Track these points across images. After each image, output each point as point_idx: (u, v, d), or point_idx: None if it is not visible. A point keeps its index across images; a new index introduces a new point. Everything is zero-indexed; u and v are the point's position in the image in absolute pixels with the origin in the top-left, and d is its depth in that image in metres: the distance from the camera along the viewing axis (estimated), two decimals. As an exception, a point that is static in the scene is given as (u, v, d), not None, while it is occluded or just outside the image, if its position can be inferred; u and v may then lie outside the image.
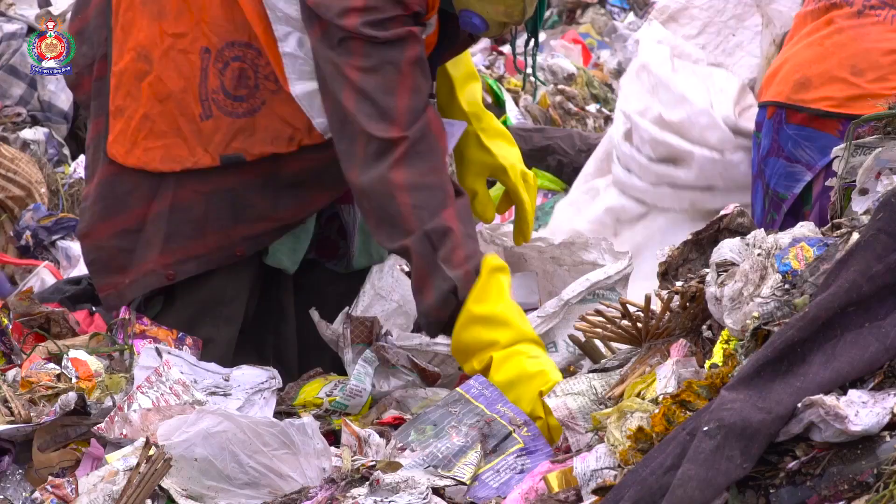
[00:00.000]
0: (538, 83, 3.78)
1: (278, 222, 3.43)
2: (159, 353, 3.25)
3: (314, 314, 3.45)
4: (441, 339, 3.45)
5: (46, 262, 4.78)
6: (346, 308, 3.49)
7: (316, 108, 3.28)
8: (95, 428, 2.98)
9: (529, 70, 3.53)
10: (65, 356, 3.38)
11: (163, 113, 3.34)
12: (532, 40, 3.47)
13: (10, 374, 3.36)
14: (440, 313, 3.10)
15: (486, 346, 3.05)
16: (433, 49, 3.33)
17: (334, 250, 3.66)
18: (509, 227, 4.05)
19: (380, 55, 3.12)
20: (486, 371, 3.03)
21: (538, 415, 2.91)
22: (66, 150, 5.85)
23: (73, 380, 3.31)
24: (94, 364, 3.39)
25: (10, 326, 3.60)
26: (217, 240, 3.37)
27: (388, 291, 3.58)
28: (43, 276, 4.51)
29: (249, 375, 3.25)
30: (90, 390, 3.27)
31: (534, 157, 6.02)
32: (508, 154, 3.60)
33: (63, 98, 5.93)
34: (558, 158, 6.01)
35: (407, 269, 3.90)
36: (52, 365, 3.37)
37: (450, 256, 3.08)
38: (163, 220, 3.36)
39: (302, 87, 3.28)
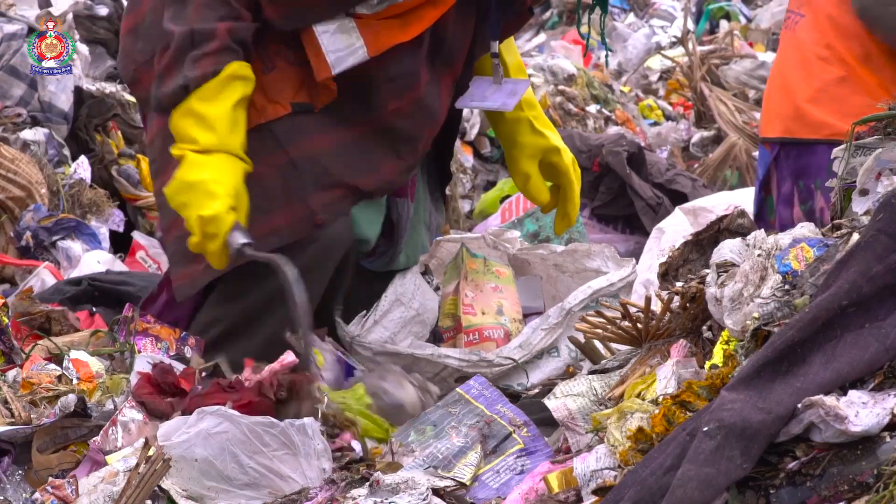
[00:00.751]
0: (607, 51, 3.82)
1: (353, 190, 3.39)
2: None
3: (337, 311, 3.47)
4: (452, 352, 3.46)
5: (47, 262, 4.77)
6: (363, 311, 3.51)
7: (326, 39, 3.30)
8: (92, 441, 2.98)
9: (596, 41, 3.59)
10: (66, 357, 3.38)
11: None
12: (598, 7, 3.53)
13: (11, 374, 3.36)
14: (170, 103, 3.21)
15: (187, 140, 3.17)
16: (484, 16, 3.39)
17: (374, 248, 3.63)
18: (512, 233, 4.05)
19: None
20: (180, 162, 3.16)
21: (195, 231, 3.10)
22: (66, 151, 5.85)
23: (74, 381, 3.31)
24: (96, 365, 3.39)
25: (10, 325, 3.60)
26: (295, 211, 3.33)
27: (409, 298, 3.59)
28: (43, 277, 4.50)
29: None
30: (91, 391, 3.26)
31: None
32: (559, 139, 3.67)
33: (63, 99, 5.93)
34: (559, 159, 6.00)
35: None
36: (52, 366, 3.37)
37: (200, 57, 3.19)
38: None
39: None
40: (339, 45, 3.27)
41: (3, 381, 3.29)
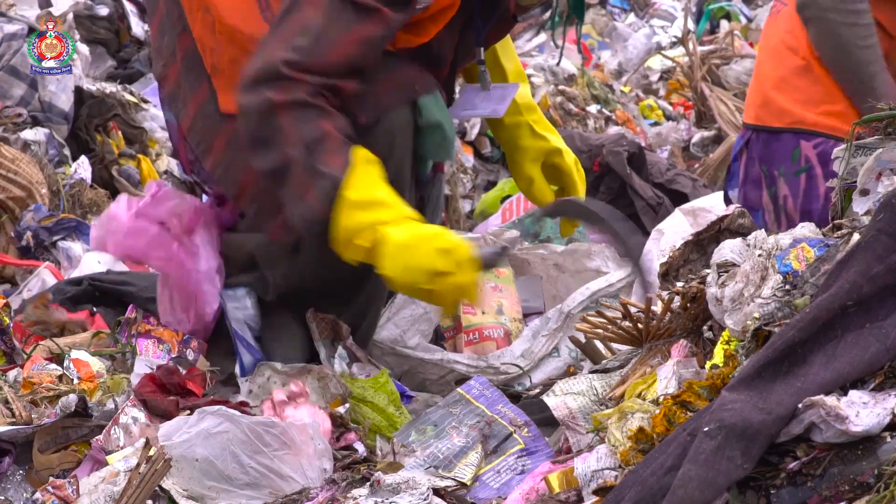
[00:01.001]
0: (583, 58, 3.82)
1: (390, 82, 3.33)
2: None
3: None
4: (461, 357, 3.46)
5: (47, 262, 4.77)
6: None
7: None
8: (94, 440, 2.98)
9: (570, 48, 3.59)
10: (67, 357, 3.38)
11: (241, 50, 3.33)
12: (574, 16, 3.52)
13: (12, 374, 3.36)
14: (325, 210, 3.08)
15: (369, 225, 3.05)
16: (468, 23, 3.35)
17: None
18: (512, 233, 4.05)
19: (339, 9, 3.14)
20: (376, 246, 3.03)
21: (442, 269, 2.96)
22: (66, 151, 5.85)
23: (75, 381, 3.31)
24: (97, 365, 3.39)
25: (11, 325, 3.60)
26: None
27: (418, 296, 3.60)
28: (44, 277, 4.50)
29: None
30: (92, 391, 3.27)
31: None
32: (560, 141, 3.66)
33: (64, 99, 5.93)
34: (559, 159, 6.00)
35: None
36: (53, 366, 3.37)
37: (326, 160, 3.08)
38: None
39: None
40: None
41: (3, 380, 3.29)
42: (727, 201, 4.26)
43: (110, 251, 3.71)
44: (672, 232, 4.76)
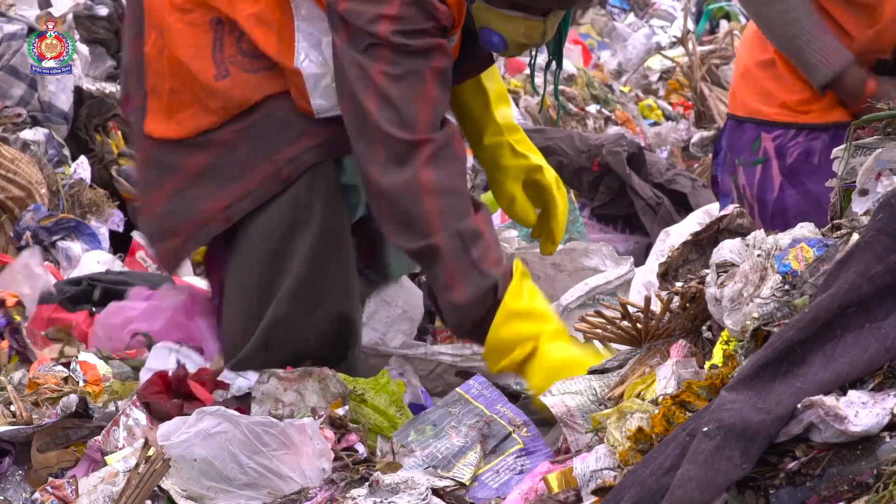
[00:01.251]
0: (560, 106, 3.79)
1: (318, 137, 3.35)
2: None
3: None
4: (445, 348, 3.46)
5: (46, 262, 4.77)
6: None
7: (320, 90, 3.27)
8: (92, 440, 2.98)
9: (550, 91, 3.55)
10: (74, 359, 3.38)
11: (183, 83, 3.35)
12: (554, 62, 3.50)
13: (17, 375, 3.36)
14: (476, 310, 3.11)
15: (529, 338, 3.08)
16: (454, 64, 3.34)
17: (371, 258, 3.63)
18: (510, 233, 4.05)
19: (407, 64, 3.15)
20: (528, 359, 3.06)
21: None
22: (66, 151, 5.85)
23: (81, 383, 3.31)
24: (103, 368, 3.39)
25: (25, 325, 3.61)
26: (264, 170, 3.31)
27: (392, 297, 3.59)
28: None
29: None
30: (97, 395, 3.27)
31: (534, 158, 6.02)
32: (541, 159, 3.63)
33: (63, 99, 5.93)
34: (558, 159, 6.01)
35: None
36: (60, 367, 3.37)
37: (483, 257, 3.11)
38: (210, 170, 3.34)
39: (311, 68, 3.28)
40: (328, 98, 3.28)
41: (8, 381, 3.30)
42: (714, 182, 4.26)
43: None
44: (679, 236, 4.77)
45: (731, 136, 3.96)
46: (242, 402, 3.18)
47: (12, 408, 3.15)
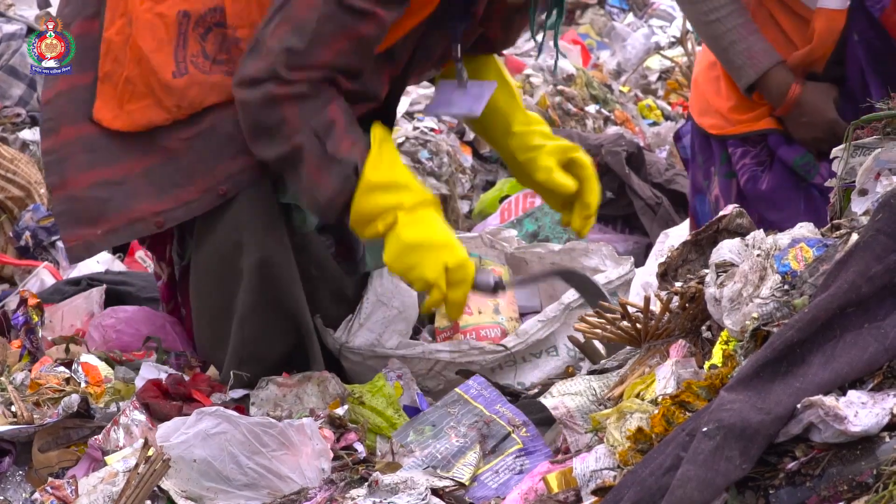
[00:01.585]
0: (559, 55, 3.78)
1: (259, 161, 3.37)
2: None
3: (318, 321, 3.46)
4: (444, 346, 3.45)
5: (46, 262, 4.77)
6: (349, 316, 3.49)
7: None
8: (92, 439, 2.98)
9: (551, 44, 3.57)
10: (76, 360, 3.38)
11: (140, 75, 3.35)
12: (554, 12, 3.50)
13: (20, 376, 3.36)
14: (342, 197, 3.16)
15: (390, 209, 3.14)
16: (434, 25, 3.36)
17: (352, 253, 3.64)
18: (510, 232, 4.04)
19: (333, 10, 3.16)
20: (389, 230, 3.13)
21: (440, 285, 3.07)
22: (65, 151, 5.84)
23: (83, 384, 3.31)
24: (105, 370, 3.39)
25: (41, 325, 3.61)
26: (203, 183, 3.33)
27: (388, 298, 3.58)
28: (42, 277, 4.50)
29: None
30: (98, 396, 3.27)
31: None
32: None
33: (62, 99, 5.93)
34: (557, 159, 6.00)
35: None
36: (62, 368, 3.37)
37: (338, 145, 3.16)
38: (154, 173, 3.34)
39: None
40: None
41: (9, 381, 3.30)
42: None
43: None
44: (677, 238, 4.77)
45: (701, 143, 3.97)
46: (241, 404, 3.18)
47: (13, 408, 3.15)
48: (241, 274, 3.33)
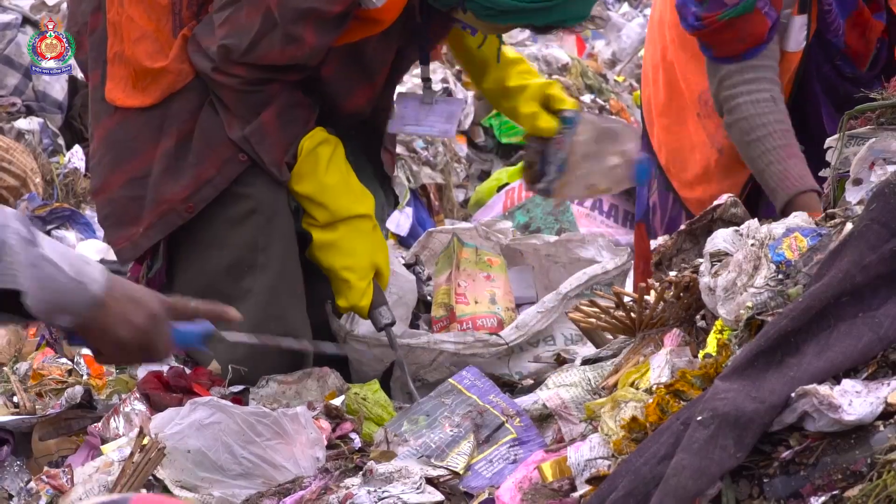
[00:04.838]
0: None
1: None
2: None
3: (328, 307, 3.47)
4: (447, 336, 3.46)
5: (41, 252, 4.76)
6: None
7: None
8: (92, 426, 2.98)
9: None
10: (77, 352, 3.38)
11: (144, 48, 3.35)
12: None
13: (23, 367, 3.36)
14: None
15: (307, 223, 3.33)
16: (412, 31, 3.38)
17: None
18: (505, 223, 4.05)
19: (271, 26, 3.22)
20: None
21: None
22: (60, 140, 5.85)
23: (84, 377, 3.31)
24: (106, 363, 3.39)
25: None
26: (221, 153, 3.34)
27: (388, 284, 3.59)
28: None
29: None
30: (100, 388, 3.27)
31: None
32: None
33: (58, 88, 5.93)
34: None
35: (403, 260, 3.90)
36: (64, 360, 3.37)
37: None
38: (171, 157, 3.34)
39: None
40: None
41: (12, 372, 3.30)
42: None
43: None
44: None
45: (647, 144, 4.01)
46: (240, 397, 3.19)
47: (15, 398, 3.15)
48: (249, 295, 3.35)
